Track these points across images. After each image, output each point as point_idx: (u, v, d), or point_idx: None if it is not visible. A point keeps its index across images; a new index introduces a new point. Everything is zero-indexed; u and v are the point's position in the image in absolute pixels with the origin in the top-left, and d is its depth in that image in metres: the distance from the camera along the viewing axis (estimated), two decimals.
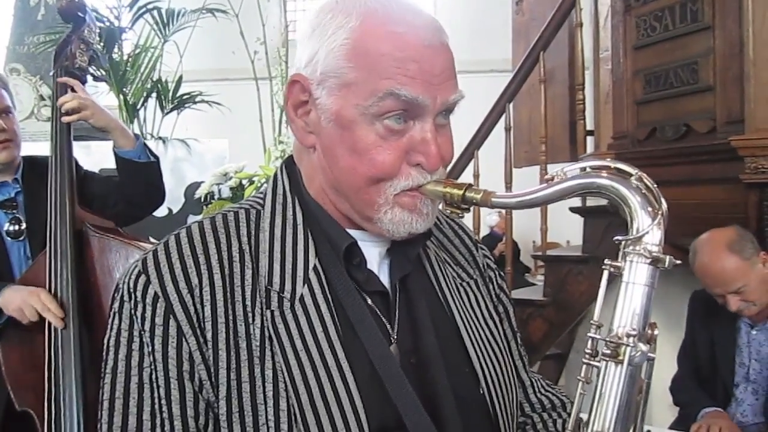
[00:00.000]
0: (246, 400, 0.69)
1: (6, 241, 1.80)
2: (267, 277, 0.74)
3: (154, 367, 0.70)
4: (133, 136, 1.86)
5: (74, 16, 1.89)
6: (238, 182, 2.89)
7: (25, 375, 1.66)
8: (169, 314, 0.70)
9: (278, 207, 0.79)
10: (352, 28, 0.71)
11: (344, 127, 0.72)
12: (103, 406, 0.71)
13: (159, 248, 0.74)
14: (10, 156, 1.81)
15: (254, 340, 0.71)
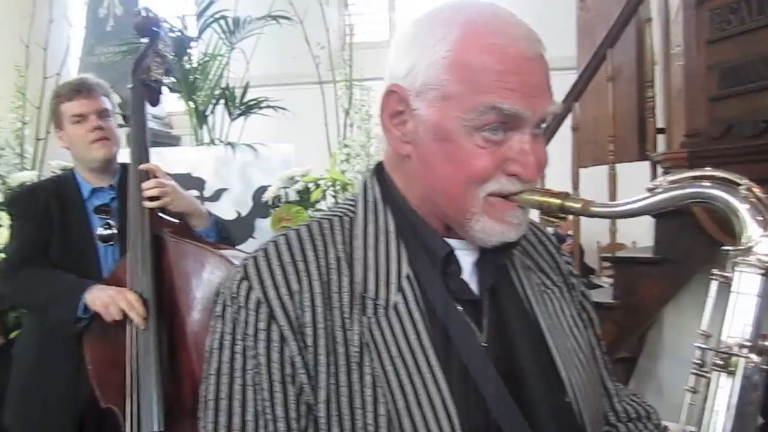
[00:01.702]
0: (344, 404, 0.71)
1: (98, 245, 1.88)
2: (362, 285, 0.75)
3: (258, 370, 0.73)
4: (206, 216, 1.92)
5: (149, 31, 1.96)
6: (305, 186, 2.92)
7: (108, 374, 1.73)
8: (272, 319, 0.73)
9: (370, 215, 0.80)
10: (452, 40, 0.72)
11: (443, 138, 0.73)
12: (208, 405, 0.74)
13: (259, 255, 0.77)
14: (108, 153, 1.91)
15: (352, 346, 0.73)
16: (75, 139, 1.92)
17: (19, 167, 3.04)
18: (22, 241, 1.88)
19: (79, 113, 1.91)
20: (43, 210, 1.89)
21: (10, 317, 2.74)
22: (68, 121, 1.92)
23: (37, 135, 3.12)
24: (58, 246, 1.87)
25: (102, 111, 1.93)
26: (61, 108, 1.93)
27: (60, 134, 1.97)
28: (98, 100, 1.94)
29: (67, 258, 1.86)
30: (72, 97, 1.91)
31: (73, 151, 1.97)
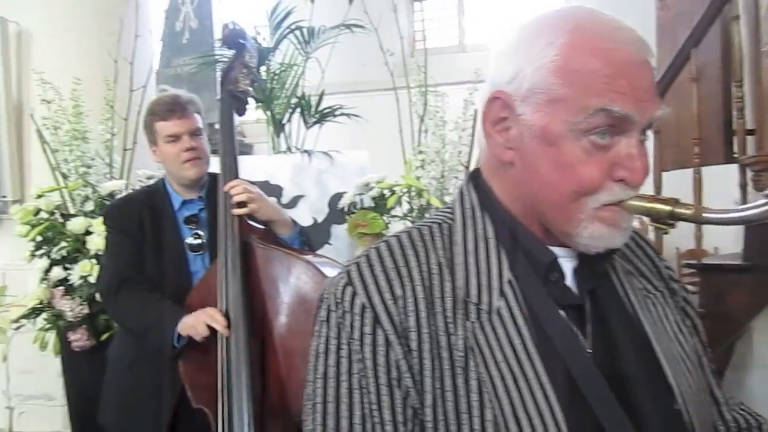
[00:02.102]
0: (450, 409, 0.72)
1: (188, 254, 1.95)
2: (464, 290, 0.76)
3: (365, 374, 0.74)
4: (291, 224, 1.95)
5: (236, 43, 2.02)
6: (380, 192, 2.95)
7: (199, 376, 1.79)
8: (377, 324, 0.74)
9: (468, 221, 0.81)
10: (560, 44, 0.72)
11: (549, 142, 0.73)
12: (316, 408, 0.75)
13: (361, 261, 0.78)
14: (200, 172, 1.98)
15: (456, 350, 0.73)
16: (168, 158, 1.99)
17: (108, 177, 3.18)
18: (118, 259, 1.96)
19: (172, 133, 1.97)
20: (137, 222, 1.97)
21: (101, 320, 2.88)
22: (162, 140, 1.98)
23: (124, 145, 3.25)
24: (152, 256, 1.95)
25: (195, 130, 1.99)
26: (155, 126, 2.00)
27: (154, 149, 2.04)
28: (191, 120, 1.99)
29: (160, 267, 1.94)
30: (166, 116, 1.97)
31: (166, 166, 2.03)
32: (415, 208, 2.92)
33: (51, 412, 4.11)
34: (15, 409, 4.16)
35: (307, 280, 1.72)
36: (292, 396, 1.70)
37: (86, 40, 3.93)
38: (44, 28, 4.08)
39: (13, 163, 4.07)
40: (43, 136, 3.13)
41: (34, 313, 2.94)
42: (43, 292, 2.87)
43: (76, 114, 3.10)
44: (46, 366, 3.95)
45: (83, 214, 2.97)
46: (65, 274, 2.89)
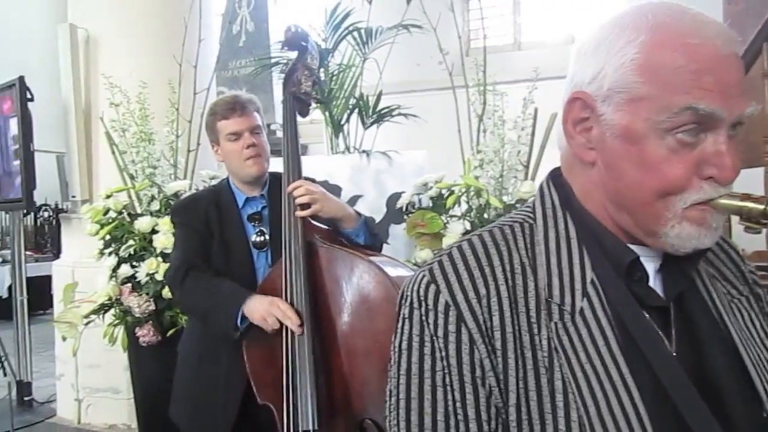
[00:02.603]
0: (534, 409, 0.72)
1: (252, 251, 1.99)
2: (547, 290, 0.76)
3: (448, 371, 0.74)
4: (356, 218, 1.95)
5: (298, 45, 2.04)
6: (438, 192, 2.94)
7: (265, 373, 1.82)
8: (461, 322, 0.74)
9: (549, 221, 0.80)
10: (642, 42, 0.70)
11: (632, 141, 0.72)
12: (399, 404, 0.76)
13: (444, 259, 0.78)
14: (260, 170, 2.02)
15: (540, 351, 0.73)
16: (230, 156, 2.03)
17: (172, 177, 3.27)
18: (186, 249, 2.01)
19: (234, 131, 2.01)
20: (204, 219, 2.02)
21: (166, 316, 2.96)
22: (224, 138, 2.03)
23: (188, 147, 3.34)
24: (218, 252, 1.99)
25: (255, 128, 2.03)
26: (217, 125, 2.05)
27: (216, 149, 2.09)
28: (251, 118, 2.04)
29: (226, 264, 1.98)
30: (228, 115, 2.02)
31: (228, 165, 2.08)
32: (473, 207, 2.90)
33: (117, 405, 4.26)
34: (83, 402, 4.33)
35: (370, 279, 1.73)
36: (354, 394, 1.71)
37: (151, 45, 4.06)
38: (111, 34, 4.23)
39: (83, 164, 4.23)
40: (111, 138, 3.24)
41: (103, 309, 3.05)
42: (112, 288, 2.97)
43: (142, 116, 3.20)
44: (112, 360, 4.10)
45: (149, 214, 3.06)
46: (132, 272, 2.98)
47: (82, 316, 2.98)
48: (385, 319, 1.69)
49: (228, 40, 8.35)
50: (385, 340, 1.67)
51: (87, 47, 4.30)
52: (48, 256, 9.48)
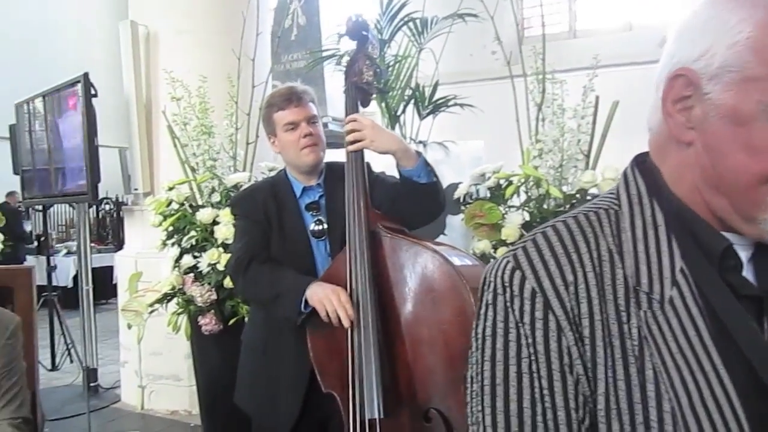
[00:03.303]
0: (622, 398, 0.70)
1: (311, 240, 2.01)
2: (635, 278, 0.74)
3: (535, 358, 0.73)
4: (415, 155, 1.95)
5: (359, 35, 2.04)
6: (496, 182, 2.91)
7: (329, 362, 1.84)
8: (548, 309, 0.73)
9: (635, 208, 0.78)
10: (758, 20, 0.67)
11: (739, 123, 0.69)
12: (484, 390, 0.75)
13: (528, 245, 0.77)
14: (317, 159, 2.03)
15: (629, 339, 0.71)
16: (287, 146, 2.05)
17: (231, 169, 3.33)
18: (247, 240, 2.04)
19: (291, 121, 2.03)
20: (263, 209, 2.04)
21: (227, 306, 3.02)
22: (281, 129, 2.05)
23: (247, 139, 3.39)
24: (278, 242, 2.02)
25: (311, 117, 2.05)
26: (274, 117, 2.06)
27: (273, 140, 2.10)
28: (307, 108, 2.05)
29: (286, 253, 2.00)
30: (284, 106, 2.04)
31: (285, 155, 2.09)
32: (533, 198, 2.86)
33: (178, 392, 4.38)
34: (146, 388, 4.46)
35: (434, 269, 1.72)
36: (419, 384, 1.72)
37: (209, 40, 4.13)
38: (170, 30, 4.32)
39: (144, 158, 4.35)
40: (173, 131, 3.32)
41: (167, 299, 3.13)
42: (175, 278, 3.05)
43: (202, 110, 3.26)
44: (174, 349, 4.22)
45: (210, 205, 3.12)
46: (194, 262, 3.05)
47: (147, 305, 3.06)
48: (450, 308, 1.68)
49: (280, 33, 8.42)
50: (450, 330, 1.68)
51: (147, 44, 4.40)
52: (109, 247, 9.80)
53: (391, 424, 1.71)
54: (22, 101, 5.29)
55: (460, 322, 1.66)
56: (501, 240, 2.78)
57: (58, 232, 10.53)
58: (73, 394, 5.02)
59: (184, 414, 4.31)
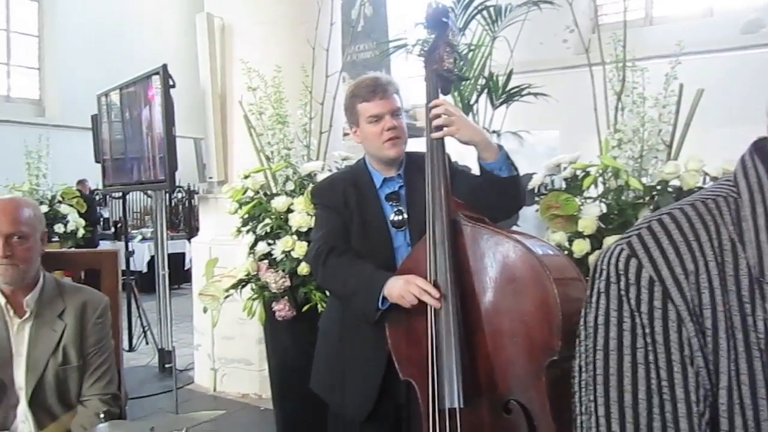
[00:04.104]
0: (745, 393, 0.67)
1: (391, 230, 2.01)
2: (758, 269, 0.70)
3: (653, 348, 0.71)
4: (496, 148, 1.93)
5: (439, 22, 2.02)
6: (573, 173, 2.85)
7: (407, 350, 1.84)
8: (667, 299, 0.70)
9: (756, 196, 0.74)
10: None
11: None
12: (597, 380, 0.74)
13: (643, 232, 0.75)
14: (400, 151, 2.03)
15: (753, 332, 0.68)
16: (370, 138, 2.04)
17: (305, 158, 3.37)
18: (327, 231, 2.05)
19: (375, 114, 2.01)
20: (343, 199, 2.05)
21: (301, 293, 3.07)
22: (364, 120, 2.03)
23: (320, 128, 3.42)
24: (357, 232, 2.02)
25: (395, 110, 2.03)
26: (357, 108, 2.05)
27: (354, 130, 2.10)
28: (392, 100, 2.03)
29: (366, 243, 2.01)
30: (369, 98, 2.02)
31: (367, 146, 2.09)
32: (611, 189, 2.78)
33: (249, 376, 4.49)
34: (218, 371, 4.59)
35: (516, 259, 1.69)
36: (499, 375, 1.70)
37: (284, 30, 4.19)
38: (245, 22, 4.41)
39: (219, 147, 4.46)
40: (249, 121, 3.38)
41: (242, 284, 3.20)
42: (251, 264, 3.11)
43: (277, 100, 3.31)
44: (245, 333, 4.32)
45: (285, 194, 3.17)
46: (269, 249, 3.11)
47: (223, 290, 3.14)
48: (532, 299, 1.65)
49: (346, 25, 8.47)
50: (531, 321, 1.65)
51: (222, 35, 4.50)
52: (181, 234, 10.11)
53: (470, 415, 1.69)
54: (102, 93, 5.51)
55: (542, 313, 1.63)
56: (577, 232, 2.72)
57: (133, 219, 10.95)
58: (149, 374, 5.22)
59: (255, 398, 4.41)
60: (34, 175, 5.69)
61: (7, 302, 1.92)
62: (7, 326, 1.91)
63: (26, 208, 1.93)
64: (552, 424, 1.61)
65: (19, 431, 1.89)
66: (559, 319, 1.60)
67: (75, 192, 5.70)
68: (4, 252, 1.84)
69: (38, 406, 1.91)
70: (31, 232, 1.91)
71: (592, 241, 2.69)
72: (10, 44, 11.52)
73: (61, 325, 1.95)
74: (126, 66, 6.61)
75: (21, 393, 1.90)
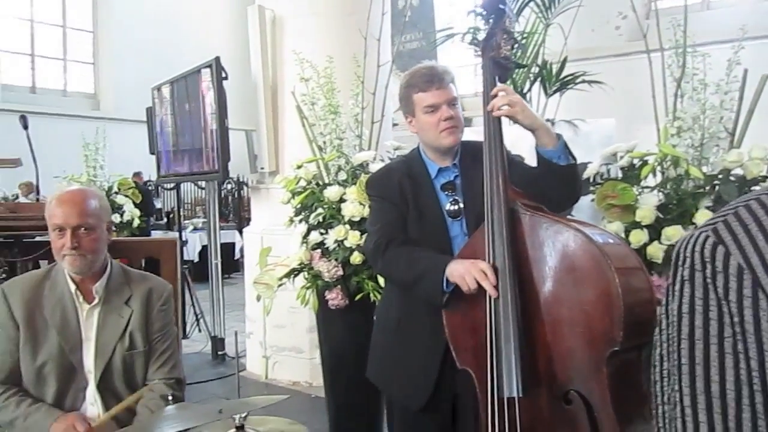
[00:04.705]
0: None
1: (447, 220, 2.01)
2: None
3: (742, 338, 0.69)
4: (555, 136, 1.91)
5: (496, 8, 2.00)
6: (630, 162, 2.79)
7: (465, 339, 1.84)
8: (758, 287, 0.69)
9: None
10: None
11: None
12: (681, 370, 0.73)
13: (730, 219, 0.73)
14: (455, 141, 2.02)
15: None
16: (426, 127, 2.03)
17: (356, 148, 3.39)
18: (384, 222, 2.05)
19: (431, 104, 1.99)
20: (398, 189, 2.05)
21: (353, 282, 3.09)
22: (420, 110, 2.02)
23: (372, 118, 3.43)
24: (413, 222, 2.02)
25: (452, 100, 2.01)
26: (413, 98, 2.03)
27: (410, 120, 2.08)
28: (449, 90, 2.01)
29: (422, 233, 2.00)
30: (425, 88, 2.00)
31: (423, 136, 2.07)
32: (670, 178, 2.72)
33: (300, 364, 4.55)
34: (270, 359, 4.67)
35: (576, 248, 1.67)
36: (558, 365, 1.68)
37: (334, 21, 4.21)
38: (296, 13, 4.44)
39: (270, 138, 4.51)
40: (302, 111, 3.41)
41: (295, 273, 3.24)
42: (304, 254, 3.15)
43: (329, 90, 3.32)
44: (296, 322, 4.38)
45: (337, 183, 3.20)
46: (321, 239, 3.14)
47: (277, 279, 3.19)
48: (593, 289, 1.63)
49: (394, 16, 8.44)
50: (592, 311, 1.63)
51: (273, 27, 4.55)
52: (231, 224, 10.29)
53: (529, 404, 1.69)
54: (156, 86, 5.64)
55: (603, 304, 1.61)
56: (634, 222, 2.67)
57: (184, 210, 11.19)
58: (202, 361, 5.34)
59: (305, 385, 4.48)
60: (92, 166, 5.85)
61: (77, 289, 1.99)
62: (77, 312, 1.99)
63: (93, 199, 1.98)
64: (613, 415, 1.60)
65: (87, 413, 1.96)
66: (621, 310, 1.58)
67: (131, 183, 5.85)
68: (71, 243, 1.90)
69: (106, 389, 1.98)
70: (98, 223, 1.97)
71: (650, 231, 2.64)
72: (66, 40, 11.89)
73: (127, 311, 2.01)
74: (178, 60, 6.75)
75: (90, 376, 1.97)
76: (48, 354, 1.94)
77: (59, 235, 1.92)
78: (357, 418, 3.31)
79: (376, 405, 3.33)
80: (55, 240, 1.94)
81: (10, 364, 1.94)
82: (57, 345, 1.94)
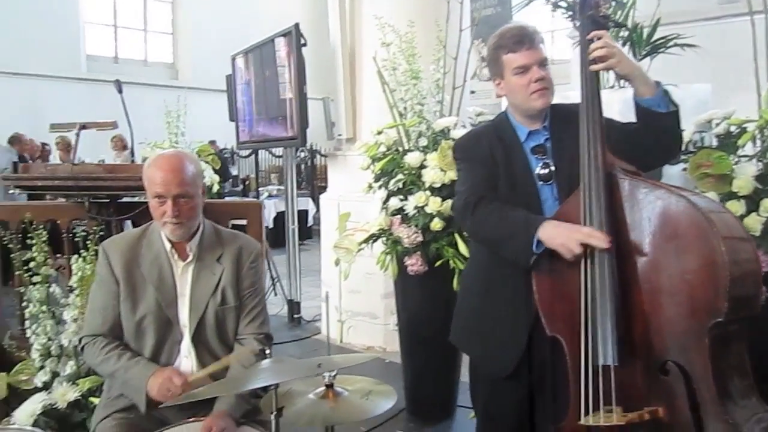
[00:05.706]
0: None
1: (537, 184, 1.96)
2: None
3: None
4: (653, 84, 1.83)
5: None
6: (727, 129, 2.66)
7: (555, 304, 1.81)
8: None
9: None
10: None
11: None
12: None
13: None
14: (546, 102, 1.96)
15: None
16: (516, 89, 1.97)
17: (438, 114, 3.35)
18: (474, 181, 2.01)
19: (522, 65, 1.93)
20: (488, 153, 2.01)
21: (432, 248, 3.09)
22: (510, 72, 1.96)
23: (453, 84, 3.38)
24: (504, 186, 1.97)
25: (542, 60, 1.94)
26: (503, 59, 1.97)
27: (498, 82, 2.02)
28: (539, 50, 1.95)
29: (513, 197, 1.95)
30: (515, 48, 1.94)
31: (512, 99, 2.02)
32: None
33: (374, 329, 4.61)
34: (345, 323, 4.74)
35: (679, 214, 1.60)
36: (655, 334, 1.63)
37: None
38: None
39: (348, 105, 4.52)
40: (383, 76, 3.39)
41: (374, 238, 3.26)
42: (384, 219, 3.16)
43: (410, 55, 3.29)
44: (371, 288, 4.43)
45: (418, 150, 3.18)
46: (401, 204, 3.14)
47: (357, 243, 3.22)
48: (697, 257, 1.57)
49: None
50: (695, 280, 1.57)
51: None
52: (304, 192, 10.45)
53: (623, 374, 1.64)
54: (234, 54, 5.72)
55: (707, 273, 1.54)
56: (731, 192, 2.55)
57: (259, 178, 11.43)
58: (278, 323, 5.48)
59: (379, 350, 4.53)
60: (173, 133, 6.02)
61: (172, 247, 2.06)
62: (172, 269, 2.06)
63: (190, 164, 2.01)
64: (713, 388, 1.54)
65: (182, 365, 2.04)
66: (726, 280, 1.51)
67: (211, 149, 5.99)
68: (173, 212, 1.95)
69: (200, 342, 2.05)
70: (195, 191, 2.01)
71: (748, 202, 2.52)
72: (147, 11, 12.22)
73: (219, 268, 2.07)
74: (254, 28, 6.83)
75: (185, 330, 2.04)
76: (146, 309, 2.02)
77: (160, 202, 1.97)
78: (433, 384, 3.34)
79: (453, 371, 3.35)
80: (155, 207, 1.99)
81: (112, 318, 2.04)
82: (154, 300, 2.02)
